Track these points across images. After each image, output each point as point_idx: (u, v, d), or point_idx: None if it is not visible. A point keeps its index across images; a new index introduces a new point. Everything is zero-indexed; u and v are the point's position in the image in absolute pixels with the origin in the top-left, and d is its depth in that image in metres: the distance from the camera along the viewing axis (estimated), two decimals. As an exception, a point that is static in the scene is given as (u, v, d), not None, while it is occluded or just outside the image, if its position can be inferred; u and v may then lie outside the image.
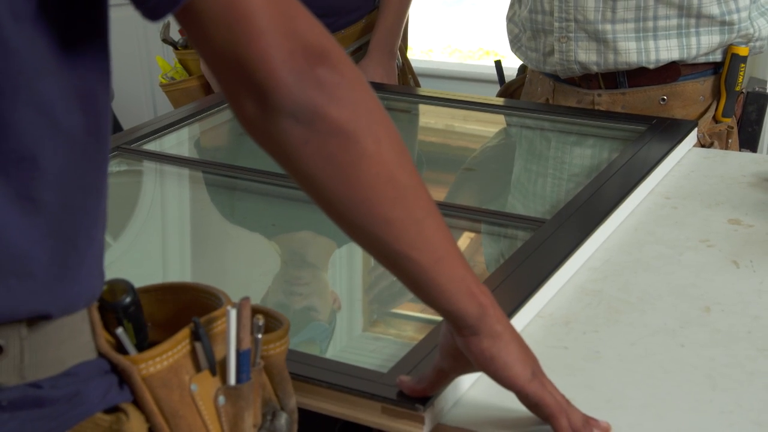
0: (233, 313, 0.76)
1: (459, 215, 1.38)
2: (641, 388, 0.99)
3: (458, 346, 0.88)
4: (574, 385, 0.97)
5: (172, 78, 2.25)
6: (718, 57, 1.68)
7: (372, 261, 0.86)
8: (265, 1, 0.70)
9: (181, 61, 2.26)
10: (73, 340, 0.71)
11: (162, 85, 2.27)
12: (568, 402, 0.90)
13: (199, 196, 1.60)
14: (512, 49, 1.88)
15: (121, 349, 0.74)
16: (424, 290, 0.84)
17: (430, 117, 1.98)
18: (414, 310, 1.21)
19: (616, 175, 1.44)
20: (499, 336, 0.86)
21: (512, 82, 1.97)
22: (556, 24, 1.69)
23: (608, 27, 1.64)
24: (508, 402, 0.92)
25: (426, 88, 2.10)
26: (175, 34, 2.21)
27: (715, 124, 1.70)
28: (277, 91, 0.72)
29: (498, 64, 2.02)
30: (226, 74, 0.73)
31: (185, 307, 0.81)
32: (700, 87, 1.69)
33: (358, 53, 2.20)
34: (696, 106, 1.70)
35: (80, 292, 0.70)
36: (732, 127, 1.70)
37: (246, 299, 0.77)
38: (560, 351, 1.06)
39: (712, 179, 1.50)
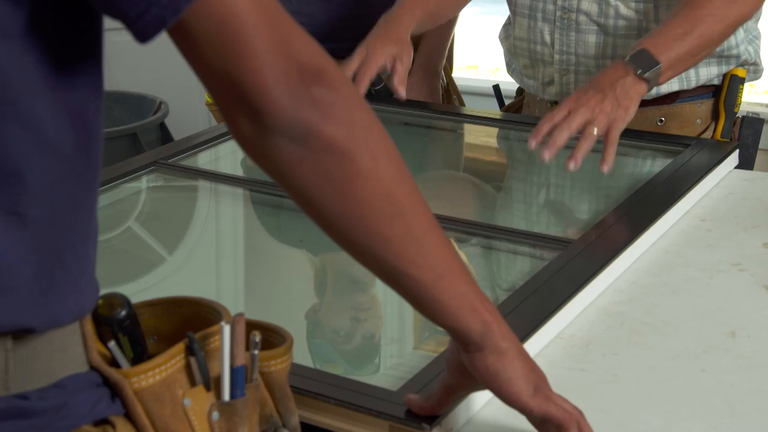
0: (227, 329, 0.76)
1: (486, 234, 1.37)
2: (657, 413, 0.96)
3: (464, 363, 0.87)
4: (588, 407, 0.94)
5: (218, 96, 2.26)
6: (715, 81, 1.69)
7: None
8: (259, 20, 0.69)
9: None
10: (64, 352, 0.71)
11: (208, 104, 2.29)
12: (581, 413, 0.88)
13: (233, 210, 1.61)
14: (508, 71, 1.89)
15: (116, 362, 0.75)
16: (426, 307, 0.84)
17: (474, 136, 1.97)
18: (426, 327, 1.20)
19: (650, 197, 1.42)
20: (503, 352, 0.85)
21: (510, 105, 1.98)
22: (557, 56, 1.71)
23: (609, 63, 1.63)
24: (522, 422, 0.90)
25: (470, 107, 2.09)
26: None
27: None
28: (271, 110, 0.71)
29: (496, 88, 2.03)
30: (220, 93, 0.72)
31: (189, 321, 0.81)
32: (698, 109, 1.70)
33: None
34: (693, 127, 1.70)
35: (66, 307, 0.70)
36: None
37: (240, 315, 0.77)
38: (577, 373, 1.04)
39: (750, 201, 1.47)
